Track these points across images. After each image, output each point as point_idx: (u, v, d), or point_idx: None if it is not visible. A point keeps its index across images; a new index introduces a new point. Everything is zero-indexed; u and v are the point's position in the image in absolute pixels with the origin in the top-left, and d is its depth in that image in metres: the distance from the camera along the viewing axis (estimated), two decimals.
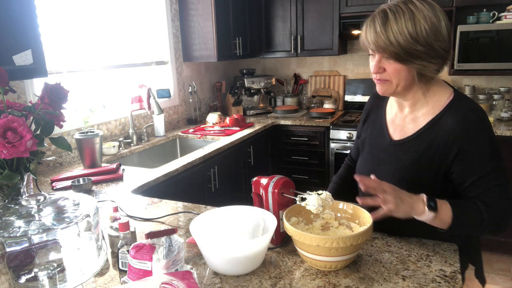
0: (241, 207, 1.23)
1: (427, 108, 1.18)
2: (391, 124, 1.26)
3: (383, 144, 1.25)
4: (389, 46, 1.05)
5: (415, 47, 1.04)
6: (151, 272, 0.97)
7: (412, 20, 1.04)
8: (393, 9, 1.06)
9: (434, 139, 1.13)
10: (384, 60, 1.10)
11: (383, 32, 1.05)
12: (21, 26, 1.55)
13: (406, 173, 1.18)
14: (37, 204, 0.92)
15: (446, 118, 1.12)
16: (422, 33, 1.04)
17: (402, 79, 1.11)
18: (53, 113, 1.15)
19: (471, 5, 2.99)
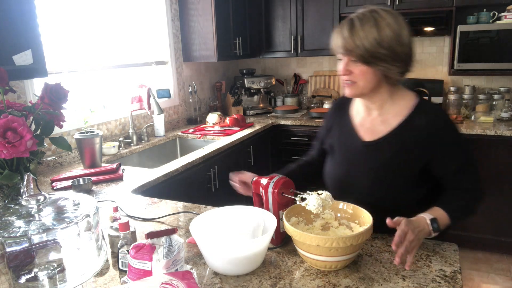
0: (241, 207, 1.23)
1: (395, 110, 1.26)
2: (360, 127, 1.32)
3: (355, 146, 1.31)
4: (355, 49, 1.15)
5: (379, 51, 1.14)
6: (151, 272, 0.97)
7: (377, 27, 1.14)
8: (360, 17, 1.17)
9: (408, 138, 1.22)
10: (351, 63, 1.19)
11: (350, 37, 1.15)
12: (21, 26, 1.55)
13: (380, 172, 1.25)
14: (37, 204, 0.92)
15: (418, 118, 1.22)
16: (386, 38, 1.14)
17: (368, 81, 1.19)
18: (53, 113, 1.15)
19: (471, 5, 2.99)
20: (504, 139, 2.80)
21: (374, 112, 1.30)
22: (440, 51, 3.46)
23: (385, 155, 1.25)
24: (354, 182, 1.30)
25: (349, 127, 1.35)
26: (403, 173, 1.24)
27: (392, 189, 1.24)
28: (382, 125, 1.27)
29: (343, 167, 1.34)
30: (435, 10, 3.05)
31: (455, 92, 3.34)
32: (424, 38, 3.46)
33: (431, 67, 3.51)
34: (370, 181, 1.26)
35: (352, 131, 1.33)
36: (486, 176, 2.88)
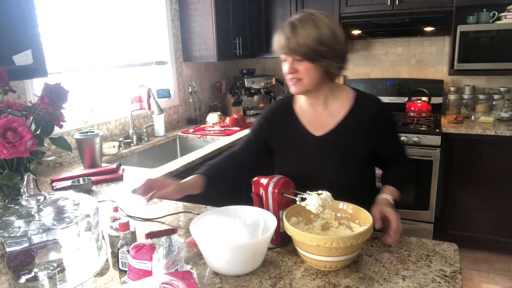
0: (241, 207, 1.23)
1: (338, 103, 1.39)
2: (309, 124, 1.41)
3: (307, 142, 1.40)
4: (300, 47, 1.24)
5: (320, 48, 1.24)
6: (151, 272, 0.97)
7: (316, 27, 1.24)
8: (299, 19, 1.26)
9: (354, 126, 1.35)
10: (296, 62, 1.28)
11: (294, 37, 1.24)
12: (21, 26, 1.55)
13: (336, 162, 1.37)
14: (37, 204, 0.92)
15: (361, 107, 1.37)
16: (325, 36, 1.24)
17: (312, 77, 1.29)
18: (53, 113, 1.15)
19: (471, 5, 2.99)
20: (504, 139, 2.80)
21: (319, 108, 1.40)
22: (440, 51, 3.46)
23: (337, 145, 1.36)
24: (313, 176, 1.37)
25: (297, 126, 1.42)
26: (356, 158, 1.38)
27: (349, 174, 1.38)
28: (329, 118, 1.38)
29: (299, 164, 1.42)
30: (435, 10, 3.05)
31: (455, 92, 3.34)
32: (424, 38, 3.46)
33: (431, 67, 3.51)
34: (328, 172, 1.37)
35: (302, 129, 1.41)
36: (486, 176, 2.89)
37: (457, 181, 2.99)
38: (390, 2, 3.14)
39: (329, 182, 1.31)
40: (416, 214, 3.07)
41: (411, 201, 3.06)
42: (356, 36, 3.40)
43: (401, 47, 3.58)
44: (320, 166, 1.38)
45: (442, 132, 2.90)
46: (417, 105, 3.33)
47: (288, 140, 1.44)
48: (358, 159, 1.38)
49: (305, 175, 1.37)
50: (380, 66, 3.70)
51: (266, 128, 1.48)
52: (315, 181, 1.32)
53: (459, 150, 2.94)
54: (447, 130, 2.93)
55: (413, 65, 3.58)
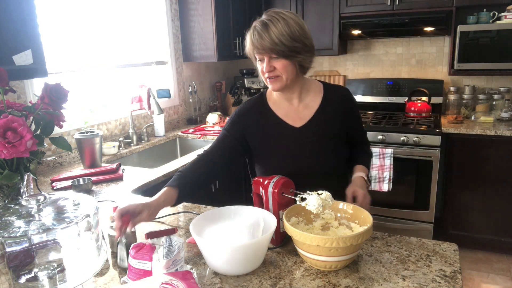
0: (241, 207, 1.23)
1: (310, 95, 1.48)
2: (287, 118, 1.46)
3: (288, 133, 1.45)
4: (275, 46, 1.28)
5: (294, 44, 1.30)
6: (151, 272, 0.97)
7: (287, 25, 1.29)
8: (269, 18, 1.31)
9: (329, 113, 1.46)
10: (272, 60, 1.32)
11: (267, 36, 1.28)
12: (21, 26, 1.55)
13: (321, 147, 1.44)
14: (37, 204, 0.92)
15: (331, 97, 1.48)
16: (296, 32, 1.30)
17: (289, 73, 1.35)
18: (53, 113, 1.15)
19: (471, 5, 2.99)
20: (504, 139, 2.80)
21: (294, 101, 1.47)
22: (440, 51, 3.46)
23: (317, 133, 1.44)
24: (300, 165, 1.44)
25: (276, 120, 1.46)
26: (335, 142, 1.47)
27: (330, 159, 1.47)
28: (305, 110, 1.46)
29: (284, 156, 1.45)
30: (435, 10, 3.05)
31: (455, 92, 3.34)
32: (424, 38, 3.46)
33: (431, 67, 3.51)
34: (311, 160, 1.44)
35: (281, 122, 1.46)
36: (486, 176, 2.89)
37: (457, 181, 2.99)
38: (390, 2, 3.13)
39: (312, 169, 1.43)
40: (416, 214, 3.07)
41: (411, 201, 3.06)
42: (356, 36, 3.40)
43: (401, 47, 3.58)
44: (304, 156, 1.44)
45: (442, 132, 2.90)
46: (417, 105, 3.33)
47: (269, 135, 1.46)
48: (337, 143, 1.48)
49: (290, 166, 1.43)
50: (380, 66, 3.70)
51: (241, 127, 1.47)
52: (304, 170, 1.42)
53: (459, 150, 2.94)
54: (447, 130, 2.93)
55: (413, 65, 3.58)
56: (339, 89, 1.53)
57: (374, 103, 3.67)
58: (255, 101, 1.53)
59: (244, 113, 1.50)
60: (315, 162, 1.44)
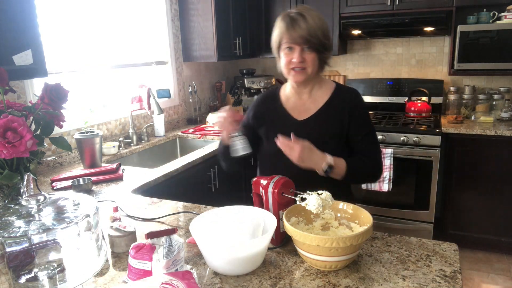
0: (241, 207, 1.23)
1: (321, 91, 1.51)
2: (293, 111, 1.52)
3: (289, 125, 1.49)
4: (311, 37, 1.35)
5: (324, 40, 1.38)
6: (151, 272, 0.97)
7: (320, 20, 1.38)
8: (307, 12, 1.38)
9: (333, 111, 1.47)
10: (304, 51, 1.38)
11: (304, 25, 1.35)
12: (21, 26, 1.55)
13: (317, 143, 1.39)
14: (37, 204, 0.92)
15: (339, 96, 1.49)
16: (326, 30, 1.39)
17: (315, 67, 1.42)
18: (53, 113, 1.15)
19: (471, 5, 2.99)
20: (504, 139, 2.80)
21: (304, 95, 1.51)
22: (440, 51, 3.46)
23: (316, 129, 1.46)
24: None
25: (282, 112, 1.53)
26: (332, 142, 1.46)
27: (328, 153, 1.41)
28: (312, 104, 1.50)
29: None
30: (435, 10, 3.05)
31: (455, 92, 3.34)
32: (424, 38, 3.46)
33: (431, 67, 3.51)
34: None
35: (287, 114, 1.52)
36: (486, 176, 2.89)
37: (457, 181, 2.99)
38: (390, 2, 3.13)
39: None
40: (416, 214, 3.07)
41: (411, 201, 3.06)
42: (356, 36, 3.40)
43: (401, 47, 3.58)
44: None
45: (442, 132, 2.90)
46: (417, 105, 3.33)
47: (273, 125, 1.53)
48: (336, 143, 1.47)
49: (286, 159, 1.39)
50: (380, 66, 3.70)
51: (253, 118, 1.58)
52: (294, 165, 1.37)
53: (459, 150, 2.94)
54: (447, 130, 2.93)
55: (413, 65, 3.58)
56: (350, 91, 1.53)
57: (374, 103, 3.67)
58: (269, 92, 1.62)
59: (257, 103, 1.61)
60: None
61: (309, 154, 1.32)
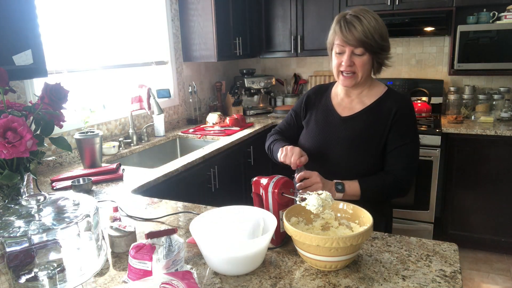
0: (241, 207, 1.23)
1: (370, 94, 1.49)
2: (338, 106, 1.53)
3: (332, 120, 1.51)
4: (366, 39, 1.32)
5: (382, 42, 1.36)
6: (151, 272, 0.97)
7: (376, 21, 1.35)
8: (362, 14, 1.35)
9: (378, 114, 1.44)
10: (354, 55, 1.37)
11: (360, 27, 1.32)
12: (21, 26, 1.55)
13: (353, 141, 1.44)
14: (37, 204, 0.92)
15: (387, 100, 1.45)
16: (384, 31, 1.36)
17: (365, 71, 1.40)
18: (53, 113, 1.15)
19: (471, 5, 2.99)
20: (504, 139, 2.80)
21: (353, 95, 1.51)
22: (440, 51, 3.46)
23: (358, 126, 1.45)
24: (329, 150, 1.47)
25: (328, 106, 1.54)
26: (371, 144, 1.43)
27: (361, 158, 1.43)
28: (358, 104, 1.49)
29: (320, 138, 1.51)
30: (435, 10, 3.05)
31: (455, 92, 3.34)
32: (424, 38, 3.46)
33: (431, 67, 3.51)
34: (343, 149, 1.45)
35: (331, 109, 1.53)
36: (486, 176, 2.89)
37: (457, 181, 2.99)
38: (390, 2, 3.14)
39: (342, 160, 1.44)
40: (416, 214, 3.07)
41: (411, 201, 3.06)
42: None
43: (401, 47, 3.58)
44: (338, 143, 1.46)
45: (442, 132, 2.90)
46: (417, 105, 3.33)
47: (316, 117, 1.55)
48: (371, 147, 1.43)
49: (323, 149, 1.48)
50: None
51: (303, 107, 1.62)
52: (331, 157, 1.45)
53: (459, 150, 2.95)
54: (447, 130, 2.93)
55: (413, 65, 3.58)
56: (400, 97, 1.46)
57: None
58: (324, 85, 1.64)
59: (312, 92, 1.64)
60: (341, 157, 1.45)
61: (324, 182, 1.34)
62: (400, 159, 1.41)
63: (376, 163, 1.44)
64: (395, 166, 1.41)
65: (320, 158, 1.47)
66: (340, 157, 1.45)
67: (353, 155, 1.43)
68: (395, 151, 1.41)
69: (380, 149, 1.43)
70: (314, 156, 1.44)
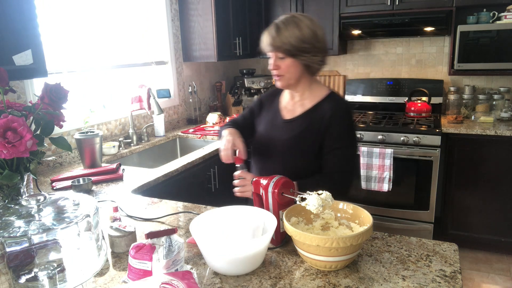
0: (241, 207, 1.23)
1: (312, 97, 1.53)
2: (284, 109, 1.59)
3: (277, 123, 1.58)
4: (283, 45, 1.39)
5: (302, 45, 1.39)
6: (151, 272, 0.97)
7: (298, 27, 1.39)
8: (283, 21, 1.42)
9: (315, 117, 1.49)
10: (279, 59, 1.44)
11: (277, 36, 1.40)
12: (21, 26, 1.55)
13: (293, 142, 1.50)
14: (37, 204, 0.92)
15: (325, 104, 1.50)
16: (306, 35, 1.39)
17: (292, 73, 1.45)
18: (53, 113, 1.15)
19: (471, 5, 2.99)
20: (504, 139, 2.80)
21: (296, 98, 1.56)
22: (440, 51, 3.46)
23: (296, 129, 1.51)
24: (271, 151, 1.55)
25: (275, 109, 1.62)
26: (307, 147, 1.49)
27: (299, 160, 1.49)
28: (300, 107, 1.55)
29: (265, 138, 1.59)
30: (435, 10, 3.05)
31: (455, 92, 3.34)
32: (424, 38, 3.46)
33: (431, 67, 3.51)
34: (283, 151, 1.52)
35: (278, 111, 1.60)
36: (486, 176, 2.89)
37: (457, 181, 2.99)
38: (390, 2, 3.13)
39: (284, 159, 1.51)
40: (416, 214, 3.07)
41: (411, 201, 3.06)
42: (356, 36, 3.40)
43: (401, 47, 3.58)
44: (280, 144, 1.53)
45: (442, 132, 2.90)
46: (417, 105, 3.33)
47: (265, 118, 1.63)
48: (307, 149, 1.49)
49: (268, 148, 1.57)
50: (380, 66, 3.70)
51: (258, 106, 1.69)
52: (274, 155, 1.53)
53: (459, 150, 2.94)
54: (447, 130, 2.93)
55: (413, 65, 3.58)
56: (338, 102, 1.51)
57: (374, 103, 3.67)
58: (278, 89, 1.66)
59: (266, 94, 1.71)
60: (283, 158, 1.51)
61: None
62: (334, 162, 1.45)
63: (315, 164, 1.48)
64: (331, 169, 1.46)
65: (264, 157, 1.58)
66: (281, 158, 1.52)
67: (292, 157, 1.50)
68: (330, 154, 1.46)
69: (316, 151, 1.47)
70: (259, 155, 1.58)
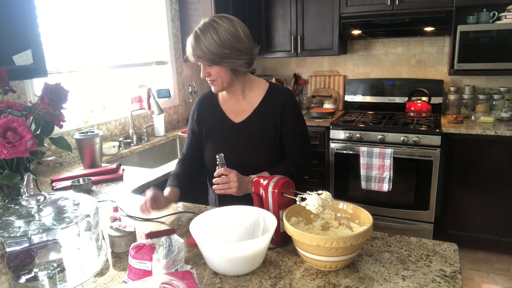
0: (241, 207, 1.23)
1: (254, 92, 1.54)
2: (231, 113, 1.56)
3: (228, 128, 1.55)
4: (204, 55, 1.37)
5: (223, 51, 1.36)
6: (151, 272, 0.97)
7: (216, 33, 1.36)
8: (201, 28, 1.38)
9: (266, 112, 1.50)
10: (207, 66, 1.43)
11: (197, 46, 1.37)
12: (21, 26, 1.55)
13: (253, 144, 1.50)
14: (37, 204, 0.92)
15: (272, 97, 1.52)
16: (226, 40, 1.36)
17: (223, 77, 1.44)
18: (53, 113, 1.15)
19: (471, 5, 2.99)
20: (504, 139, 2.80)
21: (239, 97, 1.55)
22: (440, 51, 3.46)
23: (253, 130, 1.51)
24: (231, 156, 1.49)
25: (220, 115, 1.57)
26: (269, 142, 1.50)
27: (264, 156, 1.51)
28: (247, 105, 1.54)
29: (219, 147, 1.53)
30: (435, 10, 3.05)
31: (455, 92, 3.34)
32: (424, 38, 3.46)
33: (431, 67, 3.51)
34: (244, 153, 1.51)
35: (224, 116, 1.56)
36: (486, 176, 2.89)
37: (457, 181, 2.99)
38: (390, 2, 3.14)
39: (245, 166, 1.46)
40: (416, 214, 3.07)
41: (411, 201, 3.06)
42: (356, 36, 3.40)
43: (401, 47, 3.58)
44: (238, 151, 1.51)
45: (442, 132, 2.90)
46: (417, 105, 3.33)
47: (213, 128, 1.58)
48: (269, 143, 1.51)
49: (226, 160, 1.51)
50: (380, 66, 3.70)
51: (197, 123, 1.62)
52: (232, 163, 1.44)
53: (459, 150, 2.95)
54: (447, 130, 2.93)
55: (413, 65, 3.58)
56: (283, 90, 1.55)
57: (374, 103, 3.67)
58: (206, 96, 1.65)
59: (197, 106, 1.64)
60: (246, 159, 1.50)
61: (242, 180, 1.36)
62: (296, 147, 1.53)
63: (279, 154, 1.53)
64: (294, 155, 1.53)
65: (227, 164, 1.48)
66: (244, 160, 1.50)
67: (255, 156, 1.51)
68: (291, 141, 1.52)
69: (278, 142, 1.51)
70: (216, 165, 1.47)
